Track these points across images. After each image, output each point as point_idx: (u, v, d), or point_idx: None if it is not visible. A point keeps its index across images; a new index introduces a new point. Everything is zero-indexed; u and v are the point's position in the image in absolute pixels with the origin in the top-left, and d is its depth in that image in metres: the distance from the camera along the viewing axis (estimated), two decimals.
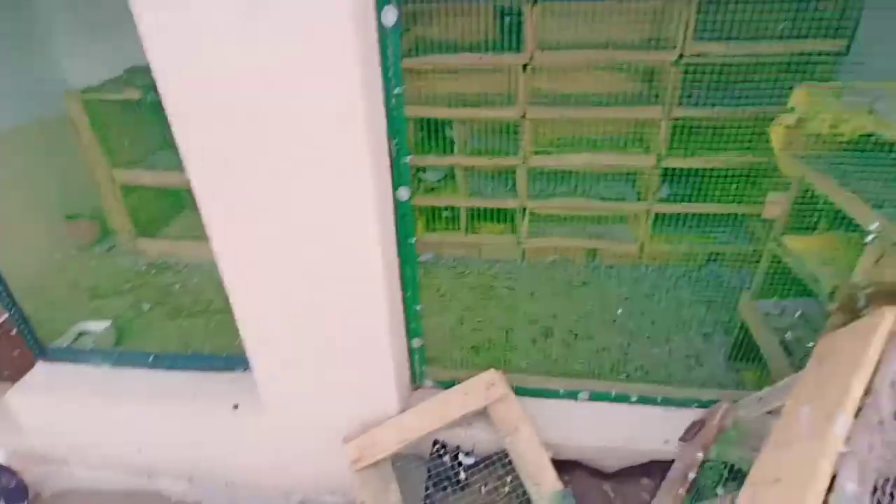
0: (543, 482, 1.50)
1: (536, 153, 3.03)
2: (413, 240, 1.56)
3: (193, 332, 2.81)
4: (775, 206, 2.11)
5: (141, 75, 3.22)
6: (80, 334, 2.55)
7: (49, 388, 2.00)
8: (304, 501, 2.00)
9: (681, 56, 2.61)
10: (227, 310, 1.60)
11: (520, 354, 2.59)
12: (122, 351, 2.09)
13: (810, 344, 1.67)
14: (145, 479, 2.11)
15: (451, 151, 3.17)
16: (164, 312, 3.02)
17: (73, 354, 2.09)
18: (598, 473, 1.71)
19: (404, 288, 1.66)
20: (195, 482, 2.07)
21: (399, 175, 1.45)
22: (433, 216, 3.52)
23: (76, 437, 2.07)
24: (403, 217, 1.52)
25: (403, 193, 1.48)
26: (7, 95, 3.06)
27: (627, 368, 2.45)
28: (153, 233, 3.57)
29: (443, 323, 2.84)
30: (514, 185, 3.18)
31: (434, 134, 3.16)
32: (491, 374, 1.72)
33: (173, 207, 3.79)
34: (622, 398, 1.78)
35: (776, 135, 2.01)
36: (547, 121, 3.07)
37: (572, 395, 1.80)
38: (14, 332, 2.26)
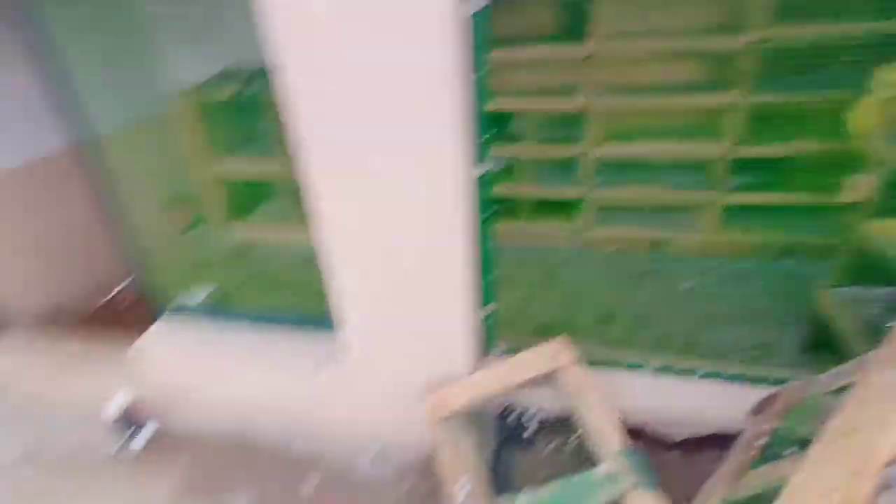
0: (609, 441, 1.57)
1: (601, 143, 3.08)
2: (490, 212, 1.69)
3: (278, 307, 3.07)
4: (857, 190, 2.07)
5: (236, 77, 3.57)
6: (186, 302, 2.86)
7: (166, 341, 2.31)
8: (383, 450, 2.18)
9: (756, 40, 2.57)
10: (308, 286, 1.80)
11: (581, 336, 2.65)
12: (227, 309, 2.36)
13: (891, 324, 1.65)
14: (244, 425, 2.38)
15: (513, 142, 3.27)
16: (252, 288, 3.33)
17: (184, 313, 2.39)
18: (661, 442, 1.76)
19: (480, 258, 1.78)
20: (287, 429, 2.32)
21: (480, 151, 1.58)
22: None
23: (187, 384, 2.37)
24: (482, 190, 1.65)
25: (483, 168, 1.61)
26: (127, 96, 3.49)
27: (693, 354, 2.45)
28: (242, 218, 3.92)
29: (505, 307, 2.94)
30: (577, 175, 3.24)
31: (496, 125, 3.27)
32: (559, 342, 1.82)
33: (260, 196, 4.15)
34: (688, 372, 1.82)
35: (861, 116, 1.98)
36: (612, 111, 3.10)
37: (638, 367, 1.86)
38: (134, 297, 2.61)
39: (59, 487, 2.22)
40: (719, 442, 1.69)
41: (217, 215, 3.83)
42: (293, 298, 3.12)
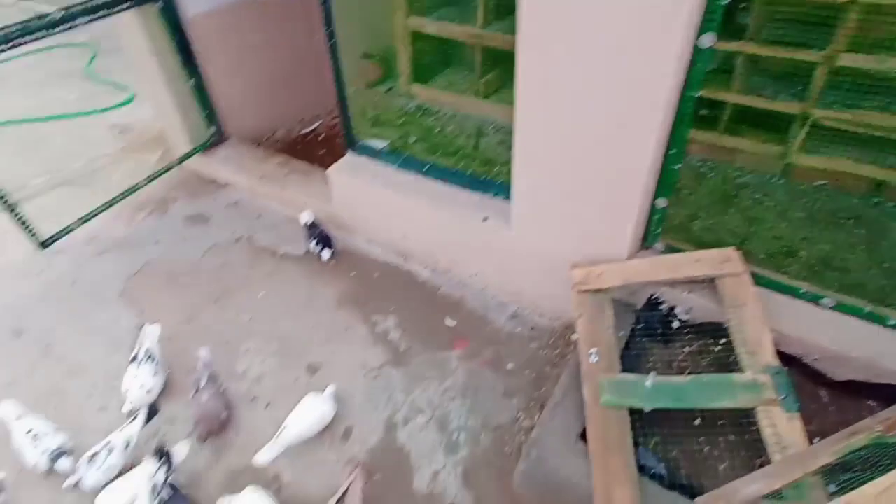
0: (761, 353, 1.52)
1: (849, 50, 2.53)
2: (697, 94, 1.56)
3: (451, 166, 3.27)
4: None
5: None
6: (372, 145, 3.18)
7: (352, 172, 2.65)
8: (517, 313, 2.37)
9: None
10: (474, 155, 1.83)
11: (751, 264, 2.45)
12: (406, 159, 2.60)
13: None
14: (402, 259, 2.73)
15: (734, 38, 2.83)
16: (425, 147, 3.55)
17: (371, 152, 2.68)
18: (818, 377, 1.65)
19: (670, 144, 1.69)
20: (442, 271, 2.60)
21: (709, 18, 1.42)
22: None
23: (364, 213, 2.74)
24: (696, 66, 1.51)
25: (706, 40, 1.46)
26: None
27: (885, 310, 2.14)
28: (425, 80, 4.08)
29: (676, 214, 2.78)
30: (803, 87, 2.74)
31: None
32: (728, 251, 1.72)
33: (443, 62, 4.22)
34: (877, 318, 1.63)
35: None
36: (886, 10, 2.48)
37: (815, 298, 1.70)
38: (330, 131, 2.95)
39: (258, 267, 2.80)
40: (886, 394, 1.53)
41: (405, 73, 4.02)
42: (463, 161, 3.30)
